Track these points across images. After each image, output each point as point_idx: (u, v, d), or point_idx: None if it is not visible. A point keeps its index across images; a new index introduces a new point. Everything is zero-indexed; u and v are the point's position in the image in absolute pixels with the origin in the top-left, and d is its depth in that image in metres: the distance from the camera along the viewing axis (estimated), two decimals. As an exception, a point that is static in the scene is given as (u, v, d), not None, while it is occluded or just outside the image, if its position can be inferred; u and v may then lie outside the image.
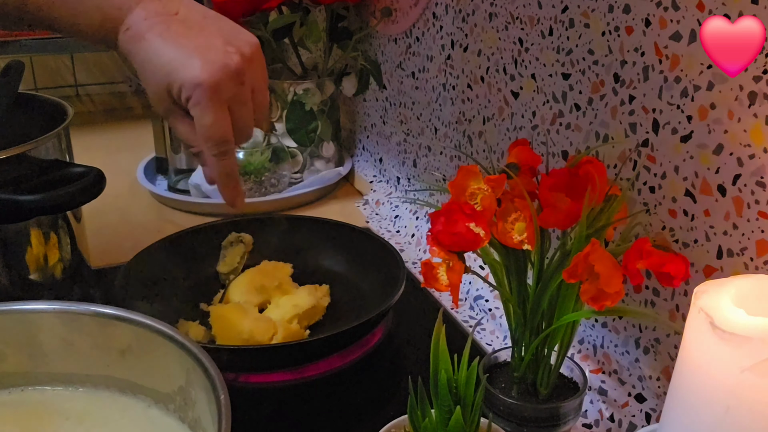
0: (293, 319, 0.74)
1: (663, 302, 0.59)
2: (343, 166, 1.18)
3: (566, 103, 0.68)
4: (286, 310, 0.75)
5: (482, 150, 0.84)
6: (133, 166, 1.18)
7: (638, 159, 0.60)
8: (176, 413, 0.50)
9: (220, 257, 0.85)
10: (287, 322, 0.73)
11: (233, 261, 0.84)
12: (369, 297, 0.80)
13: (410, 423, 0.48)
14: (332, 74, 1.13)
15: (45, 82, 1.56)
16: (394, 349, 0.75)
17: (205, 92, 0.56)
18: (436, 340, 0.47)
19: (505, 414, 0.57)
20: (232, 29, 0.60)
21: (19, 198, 0.62)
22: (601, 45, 0.62)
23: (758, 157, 0.49)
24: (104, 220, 0.99)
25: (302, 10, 1.09)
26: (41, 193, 0.62)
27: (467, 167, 0.55)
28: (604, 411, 0.63)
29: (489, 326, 0.79)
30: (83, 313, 0.51)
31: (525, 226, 0.53)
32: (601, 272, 0.48)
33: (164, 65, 0.56)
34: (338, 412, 0.66)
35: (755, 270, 0.51)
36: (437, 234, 0.53)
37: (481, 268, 0.75)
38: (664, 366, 0.60)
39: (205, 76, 0.55)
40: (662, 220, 0.58)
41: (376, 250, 0.82)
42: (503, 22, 0.76)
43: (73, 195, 0.64)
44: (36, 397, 0.52)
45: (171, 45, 0.57)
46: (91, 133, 1.44)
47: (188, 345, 0.47)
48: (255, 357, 0.68)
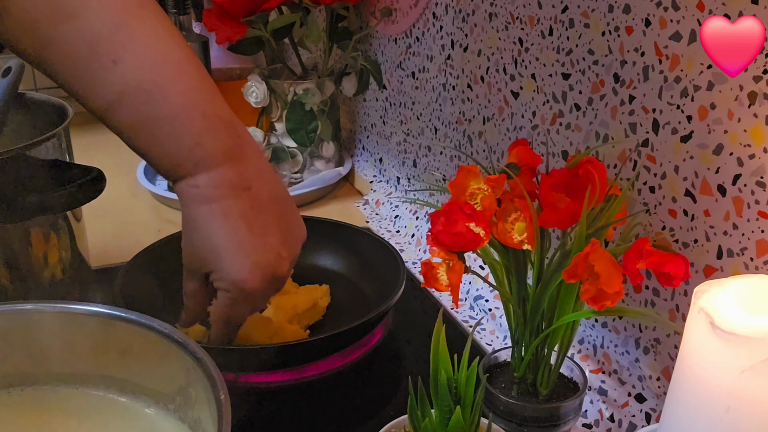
0: (293, 320, 0.74)
1: (663, 302, 0.59)
2: (343, 166, 1.18)
3: (566, 103, 0.68)
4: (285, 311, 0.75)
5: (482, 150, 0.84)
6: (133, 166, 1.18)
7: (638, 159, 0.60)
8: (176, 413, 0.50)
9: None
10: (287, 323, 0.73)
11: None
12: (369, 297, 0.80)
13: (410, 423, 0.48)
14: (332, 74, 1.13)
15: (45, 82, 1.56)
16: (394, 349, 0.75)
17: (243, 294, 0.55)
18: (436, 340, 0.47)
19: (505, 414, 0.57)
20: (291, 220, 0.60)
21: (20, 198, 0.62)
22: (601, 45, 0.62)
23: (758, 157, 0.49)
24: (104, 220, 0.99)
25: (302, 10, 1.09)
26: (41, 193, 0.62)
27: (467, 167, 0.55)
28: (604, 411, 0.63)
29: (489, 326, 0.79)
30: (83, 313, 0.51)
31: (525, 226, 0.53)
32: (601, 272, 0.48)
33: (213, 247, 0.55)
34: (338, 412, 0.66)
35: (755, 270, 0.51)
36: (437, 234, 0.53)
37: (481, 268, 0.75)
38: (664, 366, 0.60)
39: (250, 283, 0.55)
40: (662, 220, 0.58)
41: (376, 250, 0.82)
42: (503, 22, 0.76)
43: (73, 195, 0.64)
44: (36, 397, 0.52)
45: (228, 231, 0.54)
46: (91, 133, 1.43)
47: (188, 345, 0.47)
48: (255, 357, 0.68)
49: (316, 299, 0.77)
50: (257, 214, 0.56)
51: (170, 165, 0.54)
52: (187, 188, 0.55)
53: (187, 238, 0.56)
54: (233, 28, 1.03)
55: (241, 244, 0.55)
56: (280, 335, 0.71)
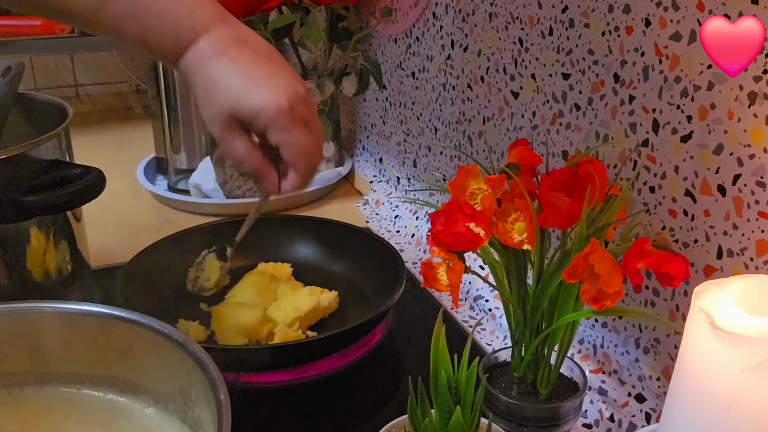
0: (294, 322, 0.74)
1: (663, 302, 0.59)
2: (343, 166, 1.18)
3: (566, 103, 0.68)
4: (287, 313, 0.74)
5: (482, 150, 0.84)
6: (133, 166, 1.18)
7: (638, 159, 0.60)
8: (176, 413, 0.50)
9: (198, 276, 0.81)
10: (288, 326, 0.73)
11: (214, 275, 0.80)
12: (369, 297, 0.80)
13: (410, 423, 0.48)
14: (332, 74, 1.13)
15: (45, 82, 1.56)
16: (394, 349, 0.75)
17: (286, 116, 0.58)
18: (436, 340, 0.47)
19: (505, 414, 0.57)
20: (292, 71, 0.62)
21: (20, 198, 0.62)
22: (601, 45, 0.62)
23: (758, 157, 0.49)
24: (104, 220, 0.99)
25: (302, 10, 1.09)
26: (42, 193, 0.62)
27: (467, 167, 0.55)
28: (604, 411, 0.63)
29: (489, 326, 0.79)
30: (83, 313, 0.51)
31: (525, 226, 0.53)
32: (601, 272, 0.48)
33: (235, 90, 0.58)
34: (338, 412, 0.66)
35: (755, 270, 0.51)
36: (437, 234, 0.53)
37: (481, 268, 0.75)
38: (664, 366, 0.60)
39: (283, 101, 0.58)
40: (662, 220, 0.58)
41: (376, 250, 0.82)
42: (503, 22, 0.76)
43: (75, 195, 0.64)
44: (36, 397, 0.52)
45: (243, 71, 0.58)
46: (91, 133, 1.44)
47: (188, 345, 0.47)
48: (255, 357, 0.68)
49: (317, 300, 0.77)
50: (262, 60, 0.60)
51: (172, 39, 0.58)
52: (193, 56, 0.59)
53: (210, 101, 0.59)
54: (233, 28, 1.03)
55: (258, 77, 0.58)
56: (280, 336, 0.71)
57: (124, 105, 1.63)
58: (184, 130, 1.09)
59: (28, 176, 0.64)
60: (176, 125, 1.08)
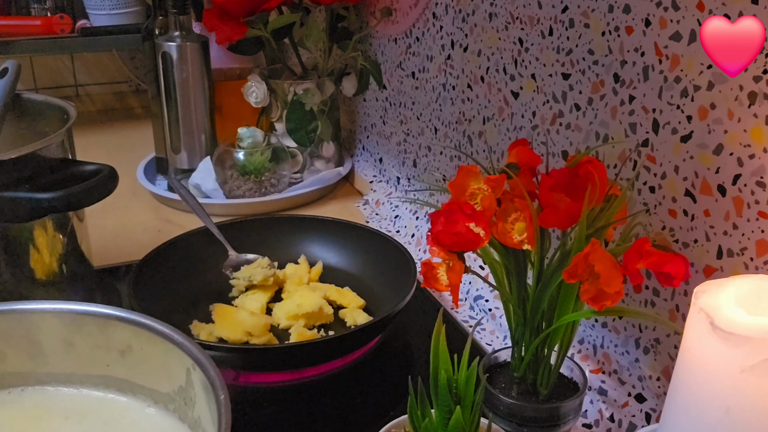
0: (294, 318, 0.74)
1: (663, 302, 0.59)
2: (343, 166, 1.18)
3: (566, 103, 0.68)
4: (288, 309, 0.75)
5: (482, 150, 0.84)
6: (133, 166, 1.18)
7: (638, 159, 0.60)
8: (176, 413, 0.50)
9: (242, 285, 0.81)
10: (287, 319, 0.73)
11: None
12: (378, 298, 0.80)
13: (410, 423, 0.48)
14: (332, 74, 1.13)
15: (45, 82, 1.57)
16: (394, 349, 0.75)
17: None
18: (436, 340, 0.47)
19: (505, 414, 0.57)
20: None
21: (36, 196, 0.62)
22: (601, 45, 0.62)
23: (758, 157, 0.49)
24: (104, 220, 0.99)
25: (302, 10, 1.09)
26: (56, 191, 0.62)
27: (467, 167, 0.55)
28: (604, 411, 0.63)
29: (489, 326, 0.79)
30: (83, 313, 0.51)
31: (525, 226, 0.53)
32: (601, 272, 0.48)
33: None
34: (338, 412, 0.66)
35: (755, 270, 0.51)
36: (437, 234, 0.53)
37: (481, 268, 0.75)
38: (664, 366, 0.60)
39: None
40: (662, 220, 0.58)
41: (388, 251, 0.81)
42: (503, 22, 0.76)
43: (89, 192, 0.64)
44: (36, 397, 0.52)
45: None
46: (91, 133, 1.44)
47: (188, 345, 0.47)
48: (255, 357, 0.68)
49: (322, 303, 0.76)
50: None
51: None
52: None
53: None
54: (233, 28, 1.03)
55: None
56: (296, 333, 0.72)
57: (124, 105, 1.63)
58: (184, 130, 1.09)
59: (41, 174, 0.64)
60: (176, 125, 1.08)
